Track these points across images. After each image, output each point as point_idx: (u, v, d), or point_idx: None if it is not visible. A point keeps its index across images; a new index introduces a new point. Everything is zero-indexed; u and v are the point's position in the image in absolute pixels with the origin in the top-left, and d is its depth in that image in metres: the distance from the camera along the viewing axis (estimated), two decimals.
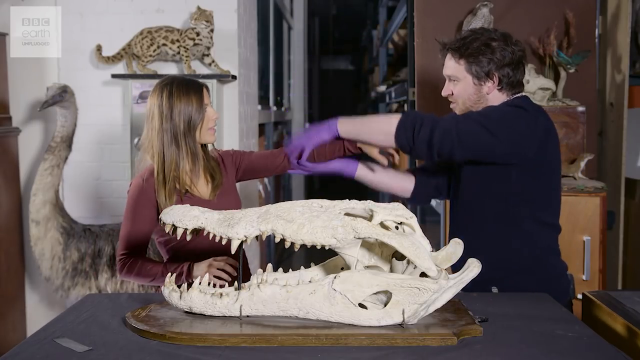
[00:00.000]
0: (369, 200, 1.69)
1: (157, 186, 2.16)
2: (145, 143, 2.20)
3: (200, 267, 2.09)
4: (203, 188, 2.24)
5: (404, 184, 2.41)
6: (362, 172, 2.35)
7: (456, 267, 1.69)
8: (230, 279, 2.02)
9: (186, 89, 2.18)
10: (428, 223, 4.27)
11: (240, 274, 1.70)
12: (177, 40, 3.71)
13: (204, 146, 2.26)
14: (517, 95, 2.21)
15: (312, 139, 2.21)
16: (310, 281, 1.65)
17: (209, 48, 3.74)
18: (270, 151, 2.39)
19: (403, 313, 1.59)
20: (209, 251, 2.14)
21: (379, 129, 2.14)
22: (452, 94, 2.23)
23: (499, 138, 2.06)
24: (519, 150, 2.09)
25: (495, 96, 2.20)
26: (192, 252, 2.17)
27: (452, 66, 2.21)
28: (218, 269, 2.08)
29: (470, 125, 2.06)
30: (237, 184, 2.36)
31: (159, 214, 2.15)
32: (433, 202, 3.48)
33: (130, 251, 2.17)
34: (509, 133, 2.07)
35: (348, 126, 2.18)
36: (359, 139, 2.21)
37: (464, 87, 2.20)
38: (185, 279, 2.09)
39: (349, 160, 2.30)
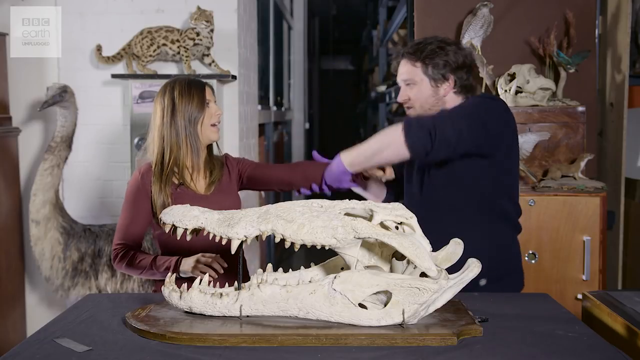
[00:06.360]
0: (369, 200, 1.69)
1: (153, 178, 2.18)
2: (151, 146, 2.22)
3: (187, 262, 2.10)
4: (201, 183, 2.25)
5: (379, 192, 2.45)
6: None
7: (455, 268, 1.69)
8: (216, 276, 2.02)
9: (188, 88, 2.22)
10: None
11: (240, 274, 1.70)
12: (177, 40, 3.71)
13: (208, 146, 2.28)
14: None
15: (339, 182, 2.21)
16: (310, 281, 1.65)
17: (209, 48, 3.74)
18: (280, 165, 2.40)
19: (403, 313, 1.59)
20: (200, 247, 2.14)
21: (385, 145, 2.09)
22: (409, 99, 2.25)
23: (486, 127, 2.09)
24: (498, 140, 2.13)
25: (451, 98, 2.24)
26: (181, 246, 2.17)
27: (408, 70, 2.24)
28: (205, 264, 2.08)
29: (460, 122, 2.07)
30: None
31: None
32: None
33: (126, 242, 2.21)
34: (491, 121, 2.10)
35: (351, 158, 2.16)
36: (368, 164, 2.18)
37: (421, 90, 2.22)
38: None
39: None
